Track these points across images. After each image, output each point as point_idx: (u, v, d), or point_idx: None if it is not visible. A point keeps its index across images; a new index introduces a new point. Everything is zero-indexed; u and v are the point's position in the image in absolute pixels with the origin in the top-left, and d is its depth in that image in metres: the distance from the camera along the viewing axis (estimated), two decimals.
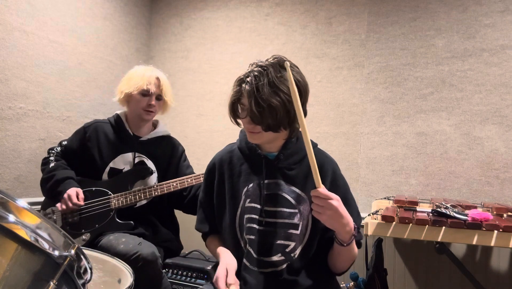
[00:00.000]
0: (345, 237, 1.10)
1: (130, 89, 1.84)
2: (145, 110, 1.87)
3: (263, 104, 1.10)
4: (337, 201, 1.04)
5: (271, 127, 1.15)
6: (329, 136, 2.48)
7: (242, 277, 1.21)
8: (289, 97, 1.10)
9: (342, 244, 1.11)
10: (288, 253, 1.20)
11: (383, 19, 2.41)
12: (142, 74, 1.87)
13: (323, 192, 1.03)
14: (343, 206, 1.06)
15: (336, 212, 1.03)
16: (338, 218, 1.04)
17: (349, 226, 1.08)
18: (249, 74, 1.15)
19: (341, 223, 1.06)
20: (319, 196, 1.03)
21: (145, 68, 1.91)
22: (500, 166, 2.10)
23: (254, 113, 1.12)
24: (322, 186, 1.05)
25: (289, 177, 1.23)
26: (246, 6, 2.80)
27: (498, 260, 2.03)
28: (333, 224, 1.07)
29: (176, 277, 2.04)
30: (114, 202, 1.81)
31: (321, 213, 1.04)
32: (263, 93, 1.10)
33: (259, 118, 1.13)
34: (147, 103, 1.86)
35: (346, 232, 1.09)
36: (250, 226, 1.22)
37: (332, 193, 1.05)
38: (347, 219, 1.07)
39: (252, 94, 1.11)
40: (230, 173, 1.30)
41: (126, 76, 1.92)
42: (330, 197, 1.03)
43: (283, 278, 1.19)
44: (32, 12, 2.15)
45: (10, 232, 0.69)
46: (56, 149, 1.92)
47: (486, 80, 2.15)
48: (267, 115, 1.11)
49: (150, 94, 1.86)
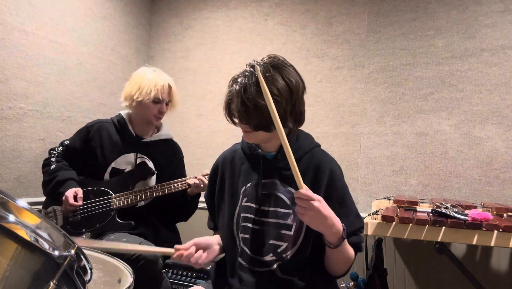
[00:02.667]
0: (333, 239, 1.08)
1: (143, 97, 1.83)
2: (155, 116, 1.89)
3: (248, 104, 1.10)
4: (319, 202, 1.02)
5: (260, 127, 1.14)
6: (329, 136, 2.48)
7: (238, 276, 1.21)
8: (277, 98, 1.09)
9: (330, 246, 1.10)
10: (280, 253, 1.19)
11: (383, 19, 2.41)
12: (155, 81, 1.85)
13: (304, 193, 1.02)
14: (326, 206, 1.04)
15: (317, 212, 1.01)
16: (320, 219, 1.03)
17: (335, 228, 1.06)
18: (241, 74, 1.15)
19: (325, 224, 1.04)
20: (301, 196, 1.02)
21: (155, 74, 1.89)
22: (500, 166, 2.10)
23: (241, 113, 1.13)
24: (304, 187, 1.03)
25: (285, 177, 1.22)
26: (246, 6, 2.80)
27: (498, 260, 2.03)
28: (317, 225, 1.05)
29: (176, 277, 2.04)
30: (115, 202, 1.81)
31: (304, 214, 1.03)
32: (250, 92, 1.10)
33: (246, 118, 1.13)
34: (159, 110, 1.88)
35: (332, 234, 1.07)
36: (245, 225, 1.22)
37: (314, 194, 1.03)
38: (332, 220, 1.05)
39: (239, 94, 1.12)
40: (231, 172, 1.31)
41: (134, 80, 1.88)
42: (311, 197, 1.01)
43: (277, 277, 1.18)
44: (32, 12, 2.15)
45: (10, 232, 0.69)
46: (58, 149, 1.92)
47: (486, 80, 2.15)
48: (254, 114, 1.11)
49: (162, 101, 1.88)
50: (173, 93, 1.93)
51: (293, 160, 1.02)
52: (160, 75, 1.90)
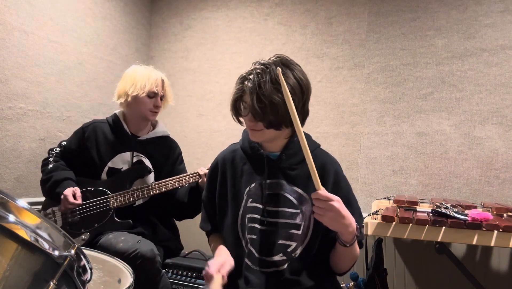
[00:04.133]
0: (348, 238, 1.10)
1: (137, 92, 1.84)
2: (151, 111, 1.90)
3: (265, 100, 1.10)
4: (338, 202, 1.04)
5: (273, 124, 1.15)
6: (329, 136, 2.48)
7: (244, 277, 1.21)
8: (291, 95, 1.10)
9: (345, 244, 1.11)
10: (290, 253, 1.20)
11: (383, 19, 2.41)
12: (147, 76, 1.87)
13: (324, 194, 1.03)
14: (344, 206, 1.05)
15: (337, 213, 1.03)
16: (339, 219, 1.04)
17: (351, 227, 1.08)
18: (252, 72, 1.15)
19: (343, 224, 1.05)
20: (320, 198, 1.03)
21: (147, 69, 1.92)
22: (500, 166, 2.10)
23: (256, 110, 1.12)
24: (322, 188, 1.04)
25: (291, 177, 1.23)
26: (246, 6, 2.80)
27: (498, 260, 2.03)
28: (335, 226, 1.06)
29: (176, 277, 2.04)
30: (112, 201, 1.81)
31: (323, 215, 1.04)
32: (265, 89, 1.10)
33: (261, 115, 1.13)
34: (154, 104, 1.89)
35: (348, 233, 1.08)
36: (252, 225, 1.22)
37: (332, 194, 1.04)
38: (349, 219, 1.06)
39: (254, 91, 1.12)
40: (232, 173, 1.30)
41: (127, 77, 1.90)
42: (330, 198, 1.03)
43: (285, 277, 1.19)
44: (32, 12, 2.15)
45: (10, 232, 0.69)
46: (56, 150, 1.93)
47: (486, 80, 2.15)
48: (269, 111, 1.11)
49: (156, 95, 1.89)
50: (166, 87, 1.95)
51: (311, 160, 1.03)
52: (152, 70, 1.93)
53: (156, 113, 1.92)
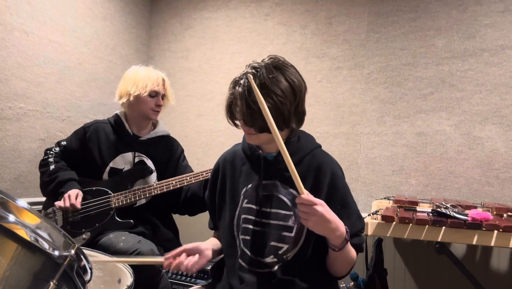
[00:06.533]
0: (337, 242, 1.07)
1: (139, 91, 1.85)
2: (153, 110, 1.91)
3: (253, 106, 1.09)
4: (322, 206, 1.01)
5: (264, 130, 1.13)
6: (329, 136, 2.48)
7: (239, 277, 1.21)
8: (282, 99, 1.10)
9: (334, 249, 1.09)
10: (281, 255, 1.19)
11: (383, 19, 2.41)
12: (148, 75, 1.89)
13: (306, 198, 1.01)
14: (329, 210, 1.03)
15: (321, 217, 1.00)
16: (324, 223, 1.02)
17: (339, 231, 1.05)
18: (243, 76, 1.15)
19: (329, 228, 1.03)
20: (303, 202, 1.01)
21: (147, 69, 1.93)
22: (500, 166, 2.10)
23: (246, 116, 1.12)
24: (305, 192, 1.02)
25: (286, 178, 1.21)
26: (246, 6, 2.80)
27: (498, 260, 2.03)
28: (321, 230, 1.04)
29: (176, 277, 2.04)
30: (114, 201, 1.81)
31: (307, 220, 1.02)
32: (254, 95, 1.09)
33: (251, 121, 1.13)
34: (156, 103, 1.91)
35: (336, 237, 1.06)
36: (245, 226, 1.22)
37: (316, 199, 1.02)
38: (335, 223, 1.04)
39: (244, 97, 1.11)
40: (231, 173, 1.30)
41: (128, 78, 1.91)
42: (314, 202, 1.01)
43: (279, 278, 1.18)
44: (32, 12, 2.15)
45: (10, 232, 0.69)
46: (54, 150, 1.91)
47: (486, 80, 2.15)
48: (258, 117, 1.09)
49: (158, 94, 1.91)
50: (167, 86, 1.97)
51: (292, 165, 1.01)
52: (152, 70, 1.95)
53: (158, 112, 1.94)
